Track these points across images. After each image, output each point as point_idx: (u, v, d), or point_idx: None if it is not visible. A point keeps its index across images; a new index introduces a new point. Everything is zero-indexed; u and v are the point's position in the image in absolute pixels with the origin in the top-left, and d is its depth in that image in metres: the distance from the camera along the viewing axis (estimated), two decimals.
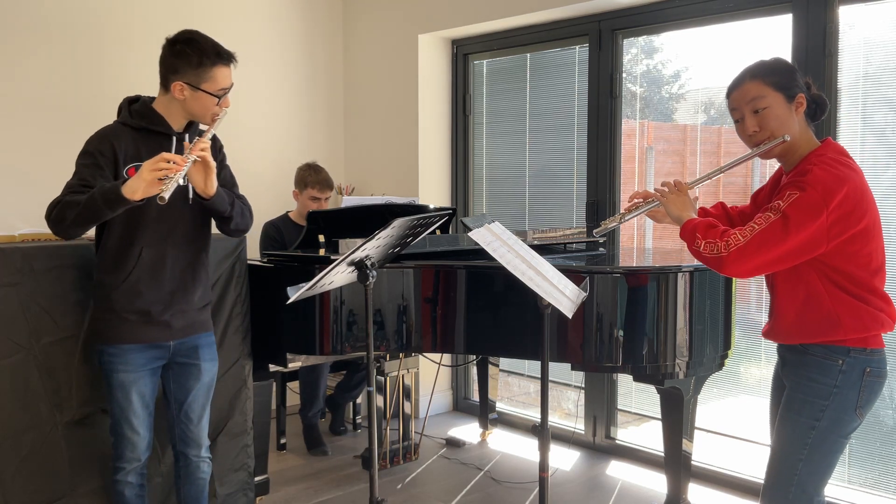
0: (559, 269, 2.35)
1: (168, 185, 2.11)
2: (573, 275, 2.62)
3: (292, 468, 3.90)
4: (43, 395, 2.60)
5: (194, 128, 2.54)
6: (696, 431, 3.20)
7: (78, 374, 2.66)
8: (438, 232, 3.93)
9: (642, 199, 2.30)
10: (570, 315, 2.30)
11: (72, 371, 2.65)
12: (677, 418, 3.08)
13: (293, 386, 4.35)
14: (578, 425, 4.22)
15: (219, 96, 2.42)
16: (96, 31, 3.99)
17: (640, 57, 4.13)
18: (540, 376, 2.38)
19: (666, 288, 2.91)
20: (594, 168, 4.09)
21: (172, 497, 2.86)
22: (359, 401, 4.48)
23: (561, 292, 2.28)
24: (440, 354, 3.80)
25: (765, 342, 3.09)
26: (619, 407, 4.14)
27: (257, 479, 3.20)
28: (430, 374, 4.45)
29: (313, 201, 4.07)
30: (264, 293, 3.14)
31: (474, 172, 4.78)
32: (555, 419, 4.36)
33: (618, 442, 4.09)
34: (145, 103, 2.45)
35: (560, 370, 4.13)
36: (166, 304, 2.45)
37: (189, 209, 2.45)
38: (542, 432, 2.35)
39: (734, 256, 1.98)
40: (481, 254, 2.44)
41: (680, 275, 2.92)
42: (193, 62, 2.36)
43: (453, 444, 4.25)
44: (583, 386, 4.18)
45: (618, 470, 3.89)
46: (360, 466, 3.84)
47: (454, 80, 4.77)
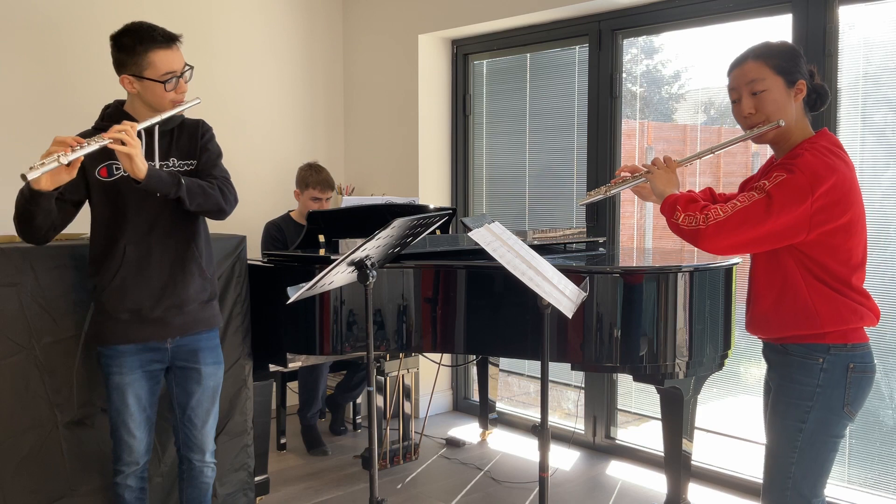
0: (559, 269, 2.35)
1: (44, 165, 2.01)
2: (573, 275, 2.62)
3: (292, 468, 3.90)
4: (43, 395, 2.60)
5: (168, 120, 2.41)
6: (696, 431, 3.20)
7: (78, 374, 2.66)
8: (438, 232, 3.93)
9: (630, 172, 2.27)
10: (570, 315, 2.30)
11: (72, 371, 2.65)
12: (677, 418, 3.08)
13: (293, 386, 4.34)
14: (578, 425, 4.22)
15: (165, 81, 2.33)
16: (93, 32, 3.98)
17: (640, 57, 4.13)
18: (540, 376, 2.38)
19: (666, 288, 2.91)
20: (594, 168, 4.08)
21: (172, 497, 2.86)
22: (359, 401, 4.48)
23: (561, 292, 2.28)
24: (440, 354, 3.80)
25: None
26: (619, 407, 4.14)
27: (257, 479, 3.20)
28: (430, 374, 4.45)
29: (314, 201, 4.07)
30: (264, 293, 3.14)
31: (474, 172, 4.78)
32: (555, 419, 4.36)
33: (618, 442, 4.09)
34: (117, 105, 2.45)
35: (560, 370, 4.13)
36: (157, 300, 2.42)
37: (166, 201, 2.36)
38: (542, 432, 2.35)
39: (712, 231, 1.94)
40: (481, 254, 2.44)
41: (680, 275, 2.92)
42: (130, 51, 2.33)
43: (453, 444, 4.25)
44: (583, 386, 4.18)
45: (618, 470, 3.89)
46: (360, 466, 3.84)
47: (454, 81, 4.77)
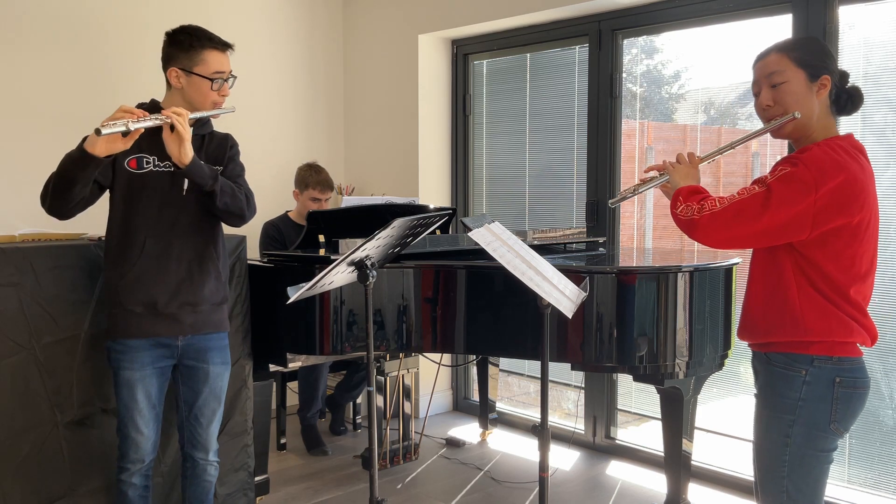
0: (559, 269, 2.35)
1: (110, 126, 2.09)
2: (573, 275, 2.62)
3: (292, 468, 3.90)
4: (43, 395, 2.60)
5: (203, 124, 2.53)
6: (696, 431, 3.20)
7: (78, 374, 2.66)
8: (438, 232, 3.93)
9: (658, 171, 2.20)
10: (569, 315, 2.30)
11: (72, 371, 2.65)
12: (677, 418, 3.08)
13: (293, 386, 4.35)
14: (578, 425, 4.22)
15: (213, 79, 2.44)
16: (96, 32, 3.99)
17: (640, 57, 4.13)
18: (540, 376, 2.38)
19: (666, 288, 2.91)
20: (594, 168, 4.09)
21: (173, 497, 2.87)
22: (359, 401, 4.48)
23: (561, 292, 2.28)
24: (440, 354, 3.80)
25: None
26: (619, 407, 4.14)
27: (257, 479, 3.20)
28: (430, 374, 4.45)
29: (314, 202, 4.07)
30: (264, 293, 3.14)
31: (474, 172, 4.78)
32: (555, 419, 4.36)
33: (618, 442, 4.09)
34: (154, 102, 2.51)
35: (560, 370, 4.13)
36: (172, 295, 2.43)
37: (191, 199, 2.45)
38: (542, 432, 2.35)
39: (706, 221, 1.88)
40: (481, 254, 2.44)
41: (680, 275, 2.92)
42: (185, 46, 2.44)
43: (453, 444, 4.25)
44: (583, 386, 4.18)
45: (618, 470, 3.89)
46: (360, 466, 3.84)
47: (454, 80, 4.77)
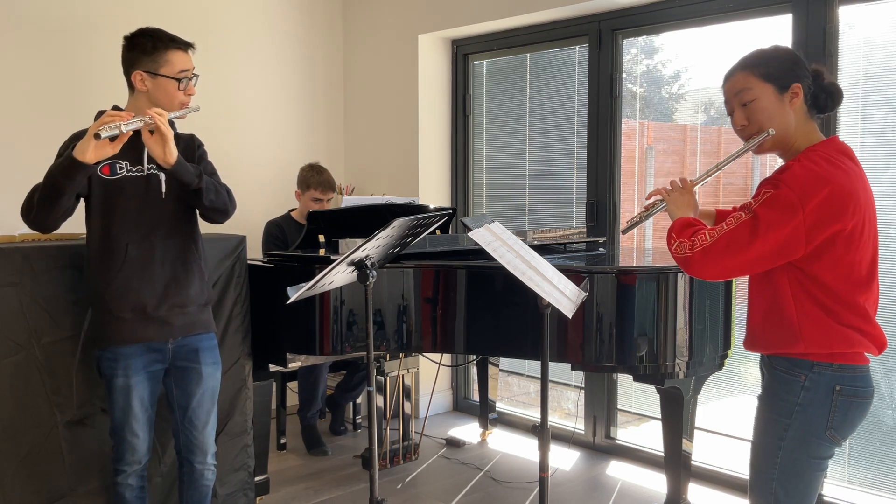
0: (559, 269, 2.35)
1: (108, 129, 2.12)
2: (573, 275, 2.62)
3: (292, 468, 3.90)
4: (43, 395, 2.60)
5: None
6: (696, 431, 3.20)
7: (78, 374, 2.66)
8: (438, 232, 3.93)
9: (661, 196, 2.19)
10: (570, 315, 2.30)
11: (72, 371, 2.65)
12: (677, 418, 3.08)
13: (293, 386, 4.34)
14: (578, 425, 4.22)
15: (179, 79, 2.43)
16: (93, 33, 3.98)
17: (640, 57, 4.13)
18: (540, 376, 2.38)
19: (666, 288, 2.91)
20: (594, 168, 4.09)
21: (172, 497, 2.86)
22: (359, 401, 4.48)
23: (561, 292, 2.28)
24: (440, 354, 3.80)
25: None
26: (619, 407, 4.14)
27: (257, 479, 3.20)
28: (430, 374, 4.45)
29: (315, 202, 4.06)
30: (264, 293, 3.14)
31: (474, 172, 4.78)
32: (555, 419, 4.36)
33: (618, 442, 4.09)
34: (116, 109, 2.48)
35: (560, 370, 4.13)
36: (161, 298, 2.43)
37: (170, 200, 2.44)
38: (542, 432, 2.35)
39: (698, 257, 1.87)
40: (481, 254, 2.44)
41: (680, 275, 2.92)
42: (148, 49, 2.42)
43: (453, 444, 4.25)
44: (583, 386, 4.18)
45: (618, 470, 3.89)
46: (360, 466, 3.84)
47: (454, 80, 4.77)
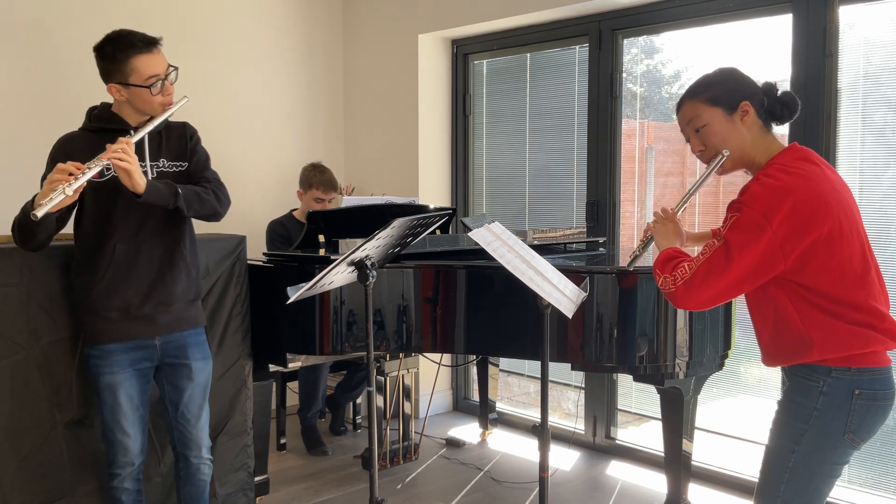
0: (559, 269, 2.35)
1: (46, 203, 2.06)
2: (573, 275, 2.62)
3: (292, 468, 3.90)
4: (43, 395, 2.60)
5: (161, 122, 2.48)
6: (696, 431, 3.20)
7: (78, 373, 2.66)
8: (438, 232, 3.93)
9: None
10: (569, 315, 2.30)
11: (72, 371, 2.65)
12: (677, 418, 3.08)
13: (293, 386, 4.35)
14: (578, 425, 4.22)
15: (150, 86, 2.35)
16: (93, 32, 3.98)
17: (640, 57, 4.13)
18: (540, 376, 2.38)
19: None
20: (594, 168, 4.08)
21: (172, 497, 2.86)
22: (359, 401, 4.48)
23: (561, 292, 2.28)
24: (440, 354, 3.80)
25: None
26: (619, 407, 4.14)
27: (257, 479, 3.20)
28: (430, 374, 4.45)
29: (317, 202, 4.06)
30: (264, 293, 3.14)
31: (474, 172, 4.78)
32: (555, 419, 4.36)
33: (618, 442, 4.09)
34: (105, 106, 2.48)
35: (560, 370, 4.13)
36: (145, 297, 2.43)
37: None
38: (542, 432, 2.35)
39: (682, 291, 1.91)
40: (481, 254, 2.44)
41: None
42: (112, 58, 2.36)
43: (453, 444, 4.25)
44: (583, 386, 4.18)
45: (618, 470, 3.89)
46: (360, 466, 3.84)
47: (454, 80, 4.77)
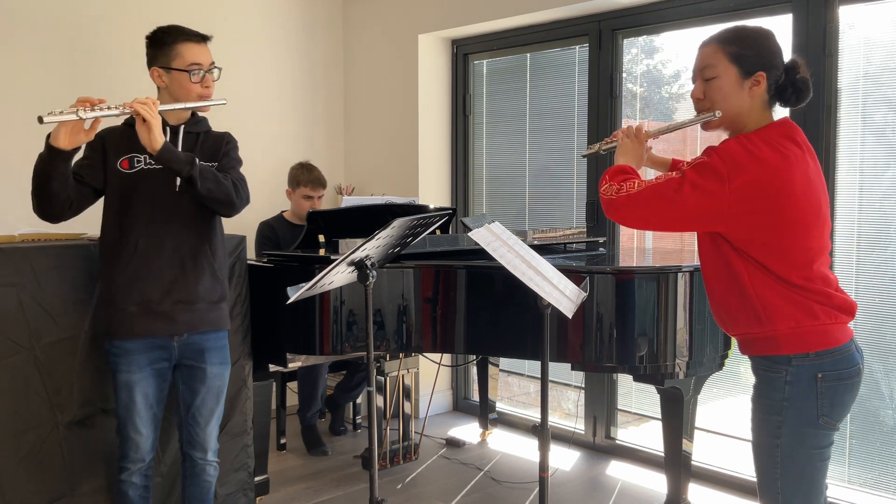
0: (559, 269, 2.35)
1: (53, 115, 2.08)
2: (573, 275, 2.62)
3: (292, 468, 3.90)
4: (43, 395, 2.59)
5: (197, 122, 2.55)
6: (696, 431, 3.20)
7: (78, 374, 2.66)
8: (438, 232, 3.93)
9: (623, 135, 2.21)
10: (569, 315, 2.30)
11: (72, 371, 2.65)
12: (677, 418, 3.08)
13: (293, 386, 4.35)
14: (578, 425, 4.22)
15: (191, 72, 2.43)
16: (94, 33, 3.99)
17: (640, 57, 4.13)
18: (540, 376, 2.38)
19: (666, 288, 2.91)
20: (594, 168, 4.08)
21: (172, 497, 2.86)
22: (359, 401, 4.48)
23: (561, 292, 2.28)
24: (440, 354, 3.80)
25: None
26: (619, 407, 4.14)
27: (257, 479, 3.19)
28: (430, 374, 4.45)
29: (306, 200, 4.08)
30: (264, 293, 3.14)
31: (474, 172, 4.78)
32: (555, 419, 4.36)
33: (618, 442, 4.09)
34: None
35: (560, 370, 4.13)
36: (165, 293, 2.43)
37: (184, 195, 2.43)
38: (542, 432, 2.35)
39: (622, 201, 1.92)
40: (481, 254, 2.44)
41: (680, 275, 2.92)
42: (160, 44, 2.46)
43: (453, 444, 4.25)
44: (583, 386, 4.18)
45: (618, 470, 3.89)
46: (360, 466, 3.84)
47: (454, 80, 4.77)
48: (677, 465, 3.12)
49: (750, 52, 1.95)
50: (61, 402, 2.63)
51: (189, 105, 2.43)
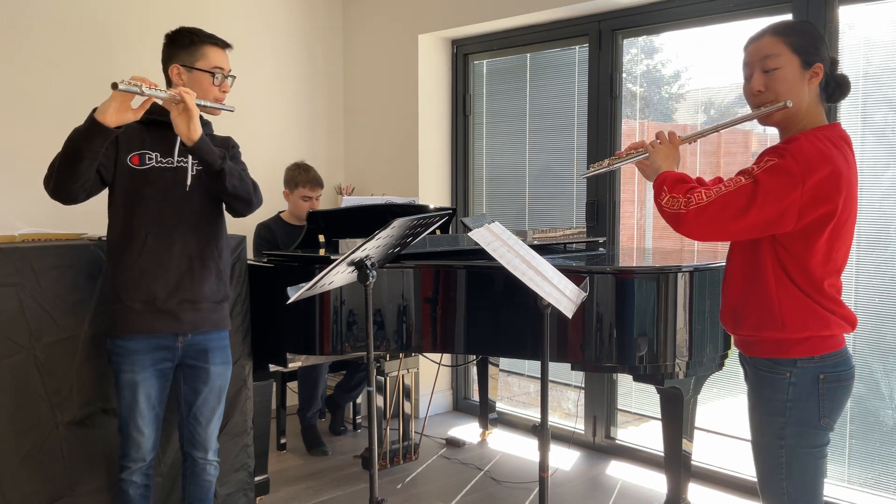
0: (559, 269, 2.35)
1: (127, 84, 2.09)
2: (573, 275, 2.62)
3: (292, 468, 3.90)
4: (43, 395, 2.60)
5: (203, 124, 2.53)
6: (696, 431, 3.20)
7: (78, 374, 2.66)
8: (438, 232, 3.93)
9: (635, 149, 2.15)
10: (569, 315, 2.30)
11: (72, 371, 2.65)
12: (677, 418, 3.08)
13: (293, 386, 4.35)
14: (578, 425, 4.22)
15: (214, 74, 2.48)
16: (97, 32, 3.99)
17: (640, 57, 4.13)
18: (540, 376, 2.38)
19: (666, 288, 2.91)
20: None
21: (173, 496, 2.87)
22: (359, 401, 4.48)
23: (561, 292, 2.28)
24: (440, 354, 3.80)
25: None
26: (619, 407, 4.14)
27: (257, 479, 3.20)
28: (430, 374, 4.45)
29: (305, 200, 4.08)
30: (264, 293, 3.14)
31: (474, 172, 4.78)
32: (555, 419, 4.36)
33: (618, 442, 4.09)
34: (154, 103, 2.49)
35: (560, 370, 4.13)
36: (171, 291, 2.43)
37: (195, 194, 2.45)
38: (542, 432, 2.35)
39: (693, 215, 1.83)
40: (481, 254, 2.44)
41: (680, 275, 2.92)
42: (185, 43, 2.48)
43: (453, 444, 4.25)
44: (583, 386, 4.18)
45: (618, 470, 3.89)
46: (360, 466, 3.84)
47: (454, 80, 4.77)
48: (677, 464, 3.12)
49: (809, 42, 1.93)
50: (61, 402, 2.64)
51: (206, 103, 2.43)
